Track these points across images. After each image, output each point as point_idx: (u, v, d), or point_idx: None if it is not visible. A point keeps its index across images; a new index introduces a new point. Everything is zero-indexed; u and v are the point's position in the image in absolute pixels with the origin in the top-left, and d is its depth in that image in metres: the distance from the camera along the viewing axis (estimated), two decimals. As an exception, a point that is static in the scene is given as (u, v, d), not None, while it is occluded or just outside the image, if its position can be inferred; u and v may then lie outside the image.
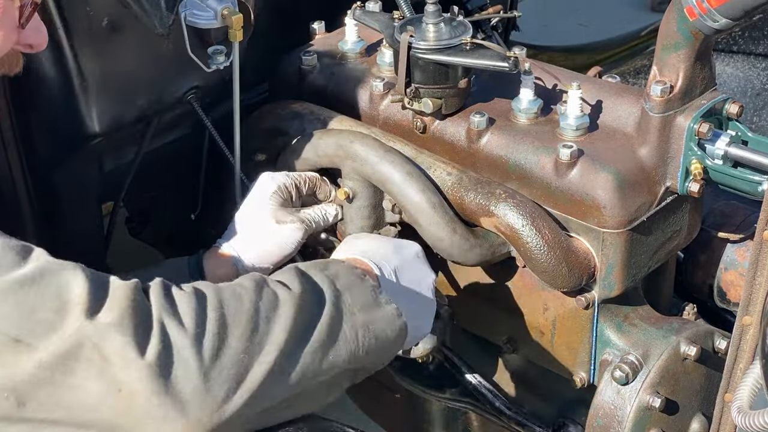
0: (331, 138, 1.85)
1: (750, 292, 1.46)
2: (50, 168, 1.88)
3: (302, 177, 1.84)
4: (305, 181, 1.83)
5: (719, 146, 1.67)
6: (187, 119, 2.00)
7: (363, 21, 1.96)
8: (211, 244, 1.80)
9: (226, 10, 1.80)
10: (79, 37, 1.74)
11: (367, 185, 1.84)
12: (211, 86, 1.93)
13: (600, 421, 1.78)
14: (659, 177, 1.71)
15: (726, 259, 1.88)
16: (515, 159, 1.76)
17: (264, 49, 2.01)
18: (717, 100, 1.69)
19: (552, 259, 1.70)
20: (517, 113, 1.81)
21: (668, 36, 1.64)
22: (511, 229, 1.73)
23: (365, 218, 1.87)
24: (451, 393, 2.09)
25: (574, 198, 1.70)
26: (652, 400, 1.74)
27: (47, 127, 1.82)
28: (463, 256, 1.78)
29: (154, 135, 1.96)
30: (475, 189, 1.77)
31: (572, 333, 1.82)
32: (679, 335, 1.78)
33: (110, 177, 2.00)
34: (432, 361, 2.07)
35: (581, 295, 1.76)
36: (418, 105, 1.81)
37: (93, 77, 1.78)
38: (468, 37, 1.78)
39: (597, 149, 1.72)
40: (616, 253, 1.71)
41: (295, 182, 1.82)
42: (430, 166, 1.82)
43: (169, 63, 1.86)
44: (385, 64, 1.96)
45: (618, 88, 1.84)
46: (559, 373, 1.89)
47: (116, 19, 1.76)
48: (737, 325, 1.49)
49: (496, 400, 2.01)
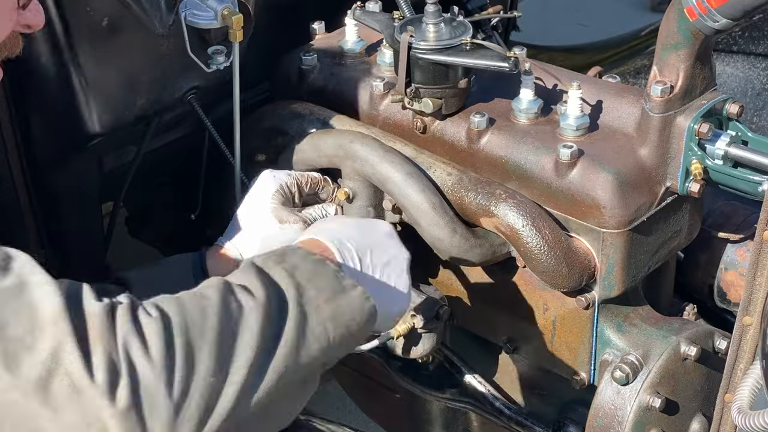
0: (331, 138, 1.85)
1: (750, 292, 1.46)
2: (50, 168, 1.88)
3: (304, 177, 1.82)
4: (307, 181, 1.82)
5: (719, 146, 1.67)
6: (187, 119, 2.00)
7: (363, 21, 1.96)
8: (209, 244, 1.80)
9: (226, 10, 1.80)
10: (79, 37, 1.74)
11: (367, 185, 1.84)
12: (211, 86, 1.93)
13: (600, 421, 1.78)
14: (659, 177, 1.71)
15: (726, 259, 1.89)
16: (515, 159, 1.76)
17: (264, 49, 2.01)
18: (717, 100, 1.69)
19: (552, 259, 1.70)
20: (517, 113, 1.81)
21: (668, 36, 1.64)
22: (511, 230, 1.73)
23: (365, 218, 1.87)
24: (451, 393, 2.09)
25: (575, 198, 1.70)
26: (653, 400, 1.74)
27: (47, 128, 1.82)
28: (464, 257, 1.78)
29: (154, 135, 1.96)
30: (475, 189, 1.77)
31: (572, 333, 1.82)
32: (679, 335, 1.78)
33: (110, 177, 2.00)
34: (432, 361, 2.08)
35: (581, 296, 1.76)
36: (418, 105, 1.81)
37: (93, 77, 1.78)
38: (468, 37, 1.78)
39: (597, 149, 1.72)
40: (617, 254, 1.71)
41: (296, 181, 1.80)
42: (430, 166, 1.82)
43: (169, 63, 1.86)
44: (385, 64, 1.96)
45: (618, 88, 1.84)
46: (559, 373, 1.89)
47: (116, 19, 1.76)
48: (737, 326, 1.49)
49: (496, 400, 2.01)
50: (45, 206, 1.90)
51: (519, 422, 1.99)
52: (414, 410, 2.19)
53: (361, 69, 1.99)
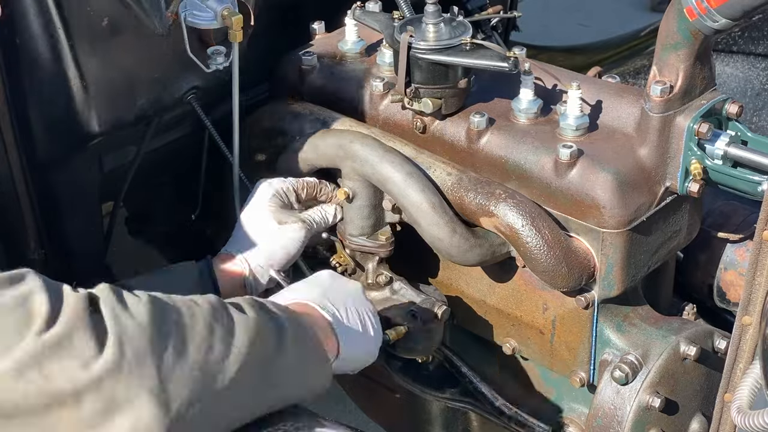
0: (331, 138, 1.86)
1: (750, 292, 1.46)
2: (50, 168, 1.88)
3: (300, 182, 1.84)
4: (303, 186, 1.84)
5: (719, 146, 1.67)
6: (187, 119, 2.00)
7: (363, 21, 1.96)
8: (209, 243, 1.81)
9: (226, 10, 1.80)
10: (79, 38, 1.74)
11: (367, 185, 1.84)
12: (211, 86, 1.93)
13: (600, 421, 1.78)
14: (659, 177, 1.71)
15: (726, 259, 1.89)
16: (515, 159, 1.76)
17: (264, 49, 2.01)
18: (717, 100, 1.69)
19: (552, 259, 1.70)
20: (516, 113, 1.81)
21: (668, 36, 1.64)
22: (510, 229, 1.73)
23: (365, 218, 1.87)
24: (450, 393, 2.09)
25: (574, 198, 1.70)
26: (652, 400, 1.74)
27: (47, 128, 1.82)
28: (463, 256, 1.78)
29: (155, 135, 1.97)
30: (474, 189, 1.77)
31: (572, 333, 1.82)
32: (678, 335, 1.78)
33: (110, 177, 2.00)
34: (432, 361, 2.08)
35: (581, 295, 1.76)
36: (417, 105, 1.81)
37: (93, 77, 1.78)
38: (468, 38, 1.78)
39: (597, 149, 1.72)
40: (616, 253, 1.71)
41: (292, 186, 1.83)
42: (430, 166, 1.82)
43: (169, 63, 1.86)
44: (385, 64, 1.96)
45: (618, 88, 1.84)
46: (558, 373, 1.89)
47: (116, 19, 1.76)
48: (737, 325, 1.49)
49: (496, 400, 2.01)
50: (45, 206, 1.90)
51: (519, 422, 1.99)
52: (414, 410, 2.19)
53: (361, 69, 1.99)
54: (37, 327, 1.17)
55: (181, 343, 1.24)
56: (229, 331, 1.30)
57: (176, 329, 1.25)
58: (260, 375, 1.33)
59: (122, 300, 1.25)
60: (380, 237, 1.88)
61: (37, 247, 1.92)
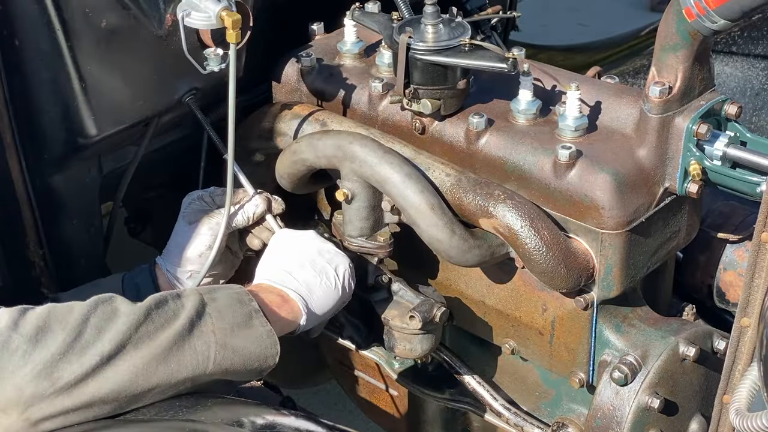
0: (330, 139, 1.85)
1: (748, 293, 1.46)
2: (50, 169, 1.88)
3: (219, 189, 1.93)
4: (221, 193, 1.91)
5: (718, 147, 1.67)
6: (186, 120, 2.00)
7: (362, 22, 1.96)
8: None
9: (224, 11, 1.80)
10: (78, 39, 1.74)
11: (365, 186, 1.84)
12: (209, 88, 1.93)
13: (599, 421, 1.78)
14: (658, 178, 1.71)
15: (725, 259, 1.89)
16: (514, 160, 1.76)
17: (263, 49, 2.01)
18: (716, 100, 1.69)
19: (551, 260, 1.70)
20: (515, 114, 1.81)
21: (667, 37, 1.64)
22: (509, 230, 1.73)
23: (364, 219, 1.87)
24: (450, 393, 2.09)
25: (573, 199, 1.70)
26: (651, 400, 1.74)
27: (47, 129, 1.82)
28: (462, 257, 1.78)
29: (154, 136, 1.97)
30: (473, 190, 1.77)
31: (571, 333, 1.82)
32: (678, 336, 1.78)
33: (110, 178, 2.01)
34: (431, 362, 2.08)
35: (580, 296, 1.76)
36: (416, 106, 1.81)
37: (92, 79, 1.78)
38: (467, 38, 1.78)
39: (596, 150, 1.72)
40: (615, 254, 1.71)
41: (210, 193, 1.93)
42: (429, 167, 1.82)
43: (167, 65, 1.86)
44: (384, 64, 1.96)
45: (617, 88, 1.84)
46: (558, 374, 1.89)
47: (115, 20, 1.76)
48: (735, 327, 1.49)
49: (496, 401, 2.01)
50: (45, 207, 1.90)
51: (519, 422, 1.99)
52: (414, 410, 2.19)
53: (360, 70, 1.99)
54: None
55: (48, 334, 1.43)
56: (108, 318, 1.48)
57: (47, 325, 1.45)
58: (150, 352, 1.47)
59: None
60: (379, 238, 1.88)
61: (37, 247, 1.92)
